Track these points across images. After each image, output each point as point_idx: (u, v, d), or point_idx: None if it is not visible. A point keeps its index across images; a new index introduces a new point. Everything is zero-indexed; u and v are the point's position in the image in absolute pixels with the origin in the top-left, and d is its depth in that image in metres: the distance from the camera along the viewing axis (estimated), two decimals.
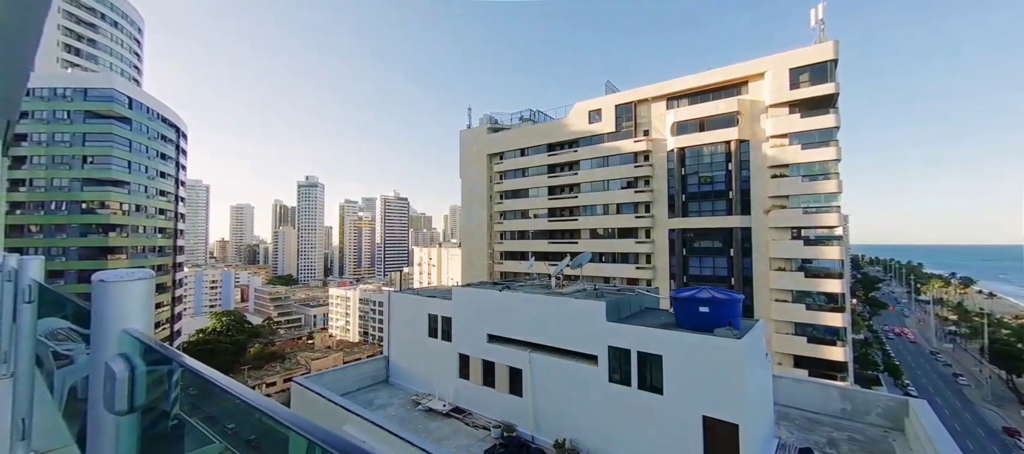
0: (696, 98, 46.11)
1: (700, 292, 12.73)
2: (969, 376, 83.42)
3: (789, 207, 40.09)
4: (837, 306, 37.72)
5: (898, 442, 14.66)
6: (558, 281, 18.60)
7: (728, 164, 43.10)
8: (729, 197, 43.08)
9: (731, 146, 42.70)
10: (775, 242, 40.49)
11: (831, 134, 38.22)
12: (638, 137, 49.49)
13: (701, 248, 45.04)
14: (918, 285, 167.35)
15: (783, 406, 17.34)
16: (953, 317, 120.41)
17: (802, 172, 39.67)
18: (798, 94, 39.16)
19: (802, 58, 39.14)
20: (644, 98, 49.34)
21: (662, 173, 47.90)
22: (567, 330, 14.41)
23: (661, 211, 47.85)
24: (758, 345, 13.61)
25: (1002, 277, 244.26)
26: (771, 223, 40.73)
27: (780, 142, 40.30)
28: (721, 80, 44.26)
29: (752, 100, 42.17)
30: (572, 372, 14.03)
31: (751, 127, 42.07)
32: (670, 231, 46.79)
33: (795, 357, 38.65)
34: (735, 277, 42.20)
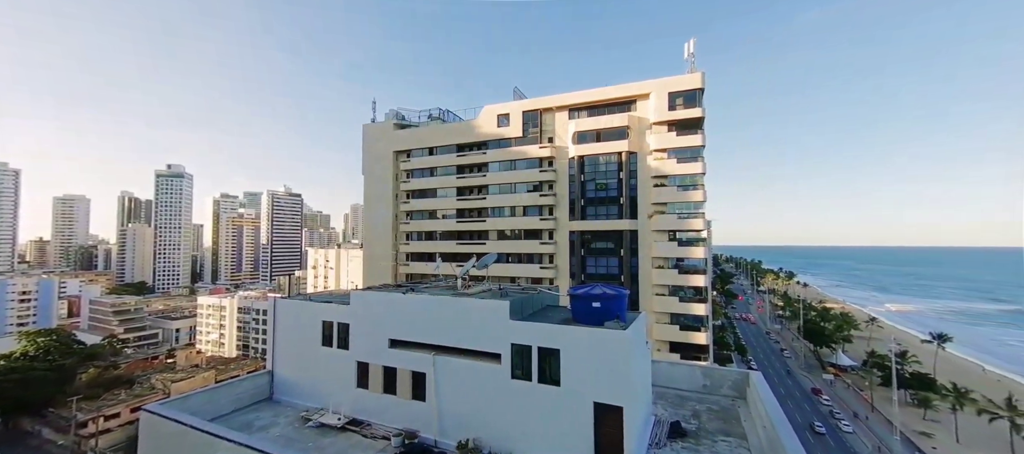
0: (594, 111, 50.26)
1: (593, 289, 13.91)
2: (791, 350, 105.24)
3: (667, 213, 45.98)
4: (701, 298, 44.38)
5: (742, 408, 17.83)
6: (464, 282, 18.61)
7: (620, 173, 47.79)
8: (620, 203, 47.78)
9: (622, 157, 47.44)
10: (656, 243, 46.09)
11: (699, 151, 44.89)
12: (543, 143, 52.09)
13: (597, 249, 49.10)
14: (758, 279, 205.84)
15: (660, 387, 19.83)
16: (781, 304, 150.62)
17: (677, 183, 45.84)
18: (674, 115, 45.20)
19: (678, 84, 45.31)
20: (549, 107, 52.14)
21: (564, 178, 51.13)
22: (472, 330, 14.50)
23: (563, 214, 51.02)
24: (640, 335, 15.34)
25: (813, 272, 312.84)
26: (653, 226, 46.27)
27: (660, 156, 46.04)
28: (615, 96, 48.92)
29: (640, 117, 47.45)
30: (476, 372, 14.16)
31: (639, 141, 47.30)
32: (571, 233, 50.15)
33: (670, 343, 44.46)
34: (624, 274, 46.95)
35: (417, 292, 16.86)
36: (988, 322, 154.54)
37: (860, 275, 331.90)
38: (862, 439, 59.62)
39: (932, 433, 61.47)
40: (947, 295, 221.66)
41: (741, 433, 15.27)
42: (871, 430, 62.63)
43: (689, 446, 14.15)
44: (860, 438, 59.89)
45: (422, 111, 63.27)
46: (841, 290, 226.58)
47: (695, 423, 16.17)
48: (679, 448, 13.99)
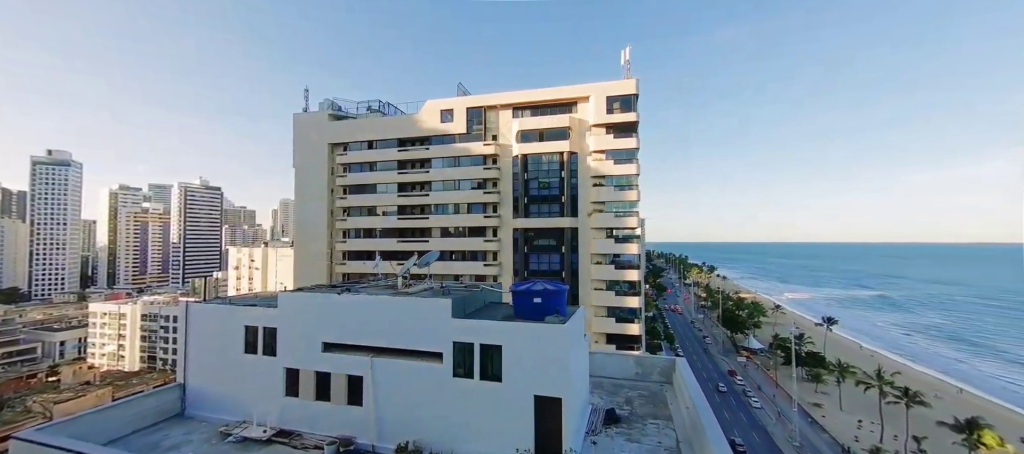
0: (537, 111, 51.29)
1: (534, 285, 14.23)
2: (711, 336, 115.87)
3: (605, 211, 48.30)
4: (635, 291, 47.28)
5: (668, 392, 19.30)
6: (405, 281, 18.08)
7: (561, 172, 49.28)
8: (562, 201, 49.29)
9: (564, 157, 48.95)
10: (595, 240, 48.25)
11: (633, 154, 47.66)
12: (488, 141, 52.12)
13: (540, 246, 50.25)
14: (685, 273, 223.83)
15: (597, 377, 20.83)
16: (703, 295, 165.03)
17: (614, 183, 48.32)
18: (612, 118, 47.56)
19: (615, 89, 47.70)
20: (493, 104, 52.26)
21: (508, 176, 51.61)
22: (412, 330, 14.14)
23: (507, 211, 51.51)
24: (579, 328, 15.98)
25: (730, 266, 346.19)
26: (592, 224, 48.37)
27: (599, 156, 48.21)
28: (557, 98, 50.30)
29: (580, 118, 49.25)
30: (417, 372, 13.85)
31: (579, 142, 49.10)
32: (515, 230, 50.80)
33: (607, 335, 46.85)
34: (566, 270, 48.57)
35: (354, 292, 16.07)
36: (862, 306, 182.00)
37: (768, 268, 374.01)
38: (768, 413, 67.37)
39: (821, 403, 71.19)
40: (831, 284, 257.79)
41: (668, 415, 16.53)
42: (775, 404, 70.99)
43: (622, 431, 15.03)
44: (766, 412, 67.62)
45: (360, 103, 60.31)
46: (752, 282, 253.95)
47: (628, 409, 17.21)
48: (613, 433, 14.81)
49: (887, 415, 61.00)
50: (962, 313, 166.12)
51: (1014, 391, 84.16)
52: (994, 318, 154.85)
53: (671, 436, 14.69)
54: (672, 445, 14.01)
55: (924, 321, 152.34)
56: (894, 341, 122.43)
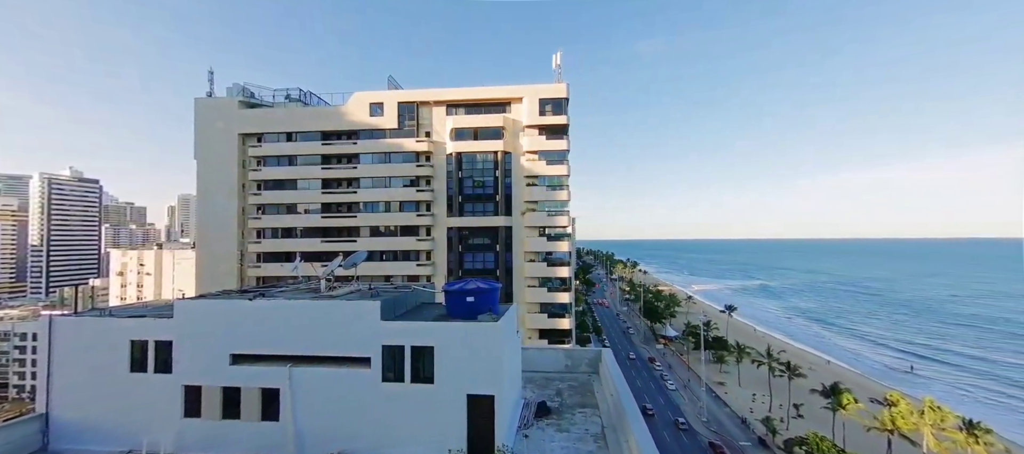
0: (471, 109, 51.08)
1: (467, 284, 14.20)
2: (634, 327, 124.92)
3: (538, 210, 49.66)
4: (566, 287, 49.28)
5: (595, 381, 20.45)
6: (329, 283, 16.96)
7: (496, 171, 49.65)
8: (496, 200, 49.69)
9: (498, 156, 49.37)
10: (528, 239, 49.39)
11: (565, 155, 49.58)
12: (420, 137, 50.74)
13: (474, 244, 50.16)
14: (611, 269, 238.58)
15: (529, 371, 21.38)
16: (627, 289, 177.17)
17: (546, 183, 49.86)
18: (544, 120, 49.00)
19: (547, 92, 49.20)
20: (426, 100, 50.99)
21: (442, 174, 50.75)
22: (338, 335, 13.31)
23: (441, 210, 50.63)
24: (512, 325, 16.26)
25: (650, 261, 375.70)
26: (526, 223, 49.44)
27: (532, 157, 49.40)
28: (492, 97, 50.54)
29: (514, 119, 50.02)
30: (342, 380, 13.07)
31: (513, 141, 49.86)
32: (449, 229, 50.13)
33: (540, 330, 48.26)
34: (500, 269, 49.08)
35: (270, 297, 14.69)
36: (752, 295, 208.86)
37: (681, 263, 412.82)
38: (681, 394, 74.44)
39: (724, 382, 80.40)
40: (729, 276, 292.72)
41: (594, 404, 17.51)
42: (686, 384, 78.67)
43: (553, 422, 15.61)
44: (680, 393, 74.67)
45: (277, 90, 55.13)
46: (669, 275, 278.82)
47: (558, 400, 17.92)
48: (544, 425, 15.32)
49: (775, 387, 70.76)
50: (826, 297, 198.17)
51: (863, 360, 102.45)
52: (849, 300, 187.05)
53: (597, 423, 15.58)
54: (598, 432, 14.87)
55: (801, 305, 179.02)
56: (779, 323, 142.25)
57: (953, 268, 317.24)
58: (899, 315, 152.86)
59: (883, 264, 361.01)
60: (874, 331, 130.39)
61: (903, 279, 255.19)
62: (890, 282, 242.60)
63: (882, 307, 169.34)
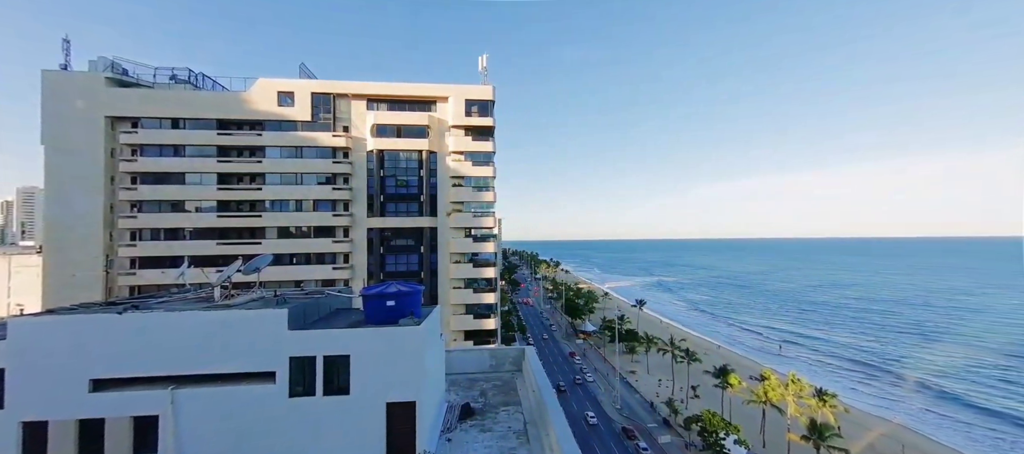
0: (395, 105, 49.10)
1: (387, 288, 13.60)
2: (556, 324, 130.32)
3: (464, 211, 49.41)
4: (492, 288, 49.73)
5: (519, 379, 20.93)
6: (225, 291, 15.02)
7: (421, 170, 48.35)
8: (421, 200, 48.39)
9: (423, 155, 48.15)
10: (454, 240, 48.89)
11: (490, 157, 50.04)
12: (338, 132, 47.44)
13: (397, 246, 48.26)
14: (535, 268, 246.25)
15: (454, 374, 21.16)
16: (551, 287, 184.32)
17: (472, 184, 49.84)
18: (470, 121, 48.95)
19: (473, 93, 49.23)
20: (345, 93, 47.83)
21: (362, 172, 48.01)
22: (235, 349, 11.85)
23: (361, 210, 47.85)
24: (435, 328, 15.95)
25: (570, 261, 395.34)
26: (452, 224, 48.89)
27: (458, 157, 49.04)
28: (417, 94, 49.10)
29: (440, 118, 49.18)
30: (240, 399, 11.66)
31: (439, 141, 48.99)
32: (370, 230, 47.58)
33: (465, 332, 48.05)
34: (425, 270, 47.86)
35: (146, 309, 12.56)
36: (660, 289, 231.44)
37: (597, 261, 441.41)
38: (599, 384, 79.48)
39: (635, 370, 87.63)
40: (640, 273, 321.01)
41: (517, 401, 17.91)
42: (603, 375, 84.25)
43: (477, 423, 15.64)
44: (598, 384, 79.67)
45: (159, 69, 47.39)
46: (588, 273, 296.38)
47: (482, 401, 17.99)
48: (468, 427, 15.28)
49: (677, 372, 78.91)
50: (717, 290, 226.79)
51: (744, 343, 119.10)
52: (734, 292, 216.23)
53: (520, 420, 15.96)
54: (520, 428, 15.23)
55: (697, 297, 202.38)
56: (680, 314, 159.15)
57: (819, 261, 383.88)
58: (770, 304, 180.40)
59: (763, 260, 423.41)
60: (751, 318, 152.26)
61: (776, 273, 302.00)
62: (764, 275, 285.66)
63: (757, 297, 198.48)
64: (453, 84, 49.34)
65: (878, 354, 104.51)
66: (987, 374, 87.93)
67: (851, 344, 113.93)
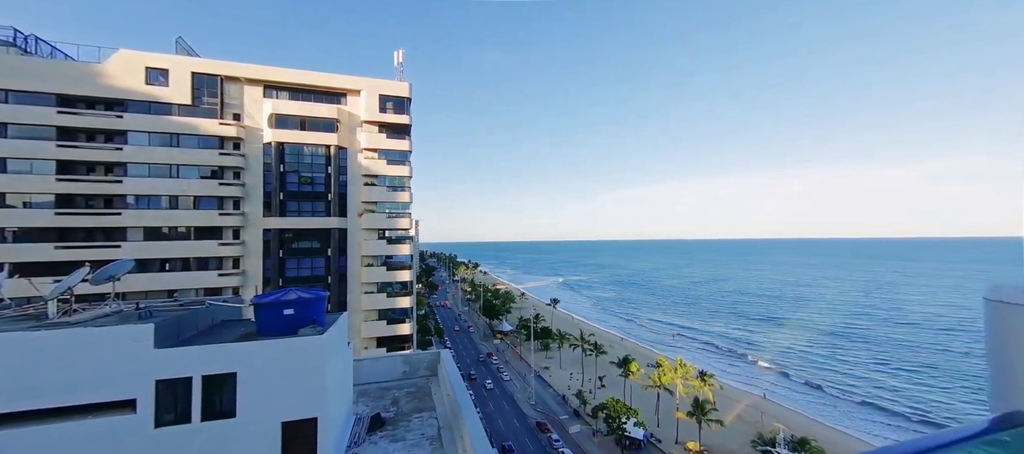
0: (298, 95, 44.82)
1: (285, 295, 12.35)
2: (475, 326, 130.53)
3: (377, 212, 46.96)
4: (407, 292, 48.02)
5: (434, 384, 20.54)
6: (65, 305, 12.23)
7: (328, 167, 44.80)
8: (329, 199, 44.82)
9: (331, 150, 44.68)
10: (366, 241, 46.18)
11: (406, 156, 48.34)
12: (226, 119, 41.76)
13: (300, 249, 44.07)
14: (453, 270, 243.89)
15: (363, 384, 19.98)
16: (469, 289, 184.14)
17: (387, 183, 47.64)
18: (385, 118, 46.77)
19: (388, 88, 47.13)
20: (236, 76, 42.31)
21: (257, 166, 42.91)
22: (79, 375, 9.71)
23: (255, 209, 42.70)
24: (342, 336, 14.90)
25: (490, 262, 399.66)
26: (363, 225, 46.12)
27: (371, 155, 46.49)
28: (325, 85, 45.40)
29: (351, 112, 46.13)
30: (86, 437, 9.60)
31: (349, 136, 45.89)
32: (266, 231, 42.71)
33: (378, 339, 45.66)
34: (332, 275, 44.40)
35: None
36: (573, 287, 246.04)
37: (515, 262, 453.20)
38: (515, 382, 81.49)
39: (549, 366, 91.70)
40: (550, 272, 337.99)
41: (431, 407, 17.56)
42: (519, 373, 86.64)
43: (387, 433, 14.96)
44: (514, 382, 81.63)
45: None
46: (504, 273, 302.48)
47: (394, 410, 17.28)
48: (378, 438, 14.55)
49: (586, 365, 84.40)
50: (622, 287, 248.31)
51: (644, 334, 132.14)
52: (636, 289, 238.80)
53: (433, 426, 15.66)
54: (434, 434, 14.95)
55: (605, 295, 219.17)
56: (590, 311, 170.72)
57: (705, 261, 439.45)
58: (664, 299, 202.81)
59: (659, 260, 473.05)
60: (648, 311, 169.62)
61: (669, 270, 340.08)
62: (660, 272, 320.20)
63: (654, 293, 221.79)
64: (366, 78, 46.69)
65: (742, 339, 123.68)
66: (815, 352, 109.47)
67: (724, 332, 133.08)
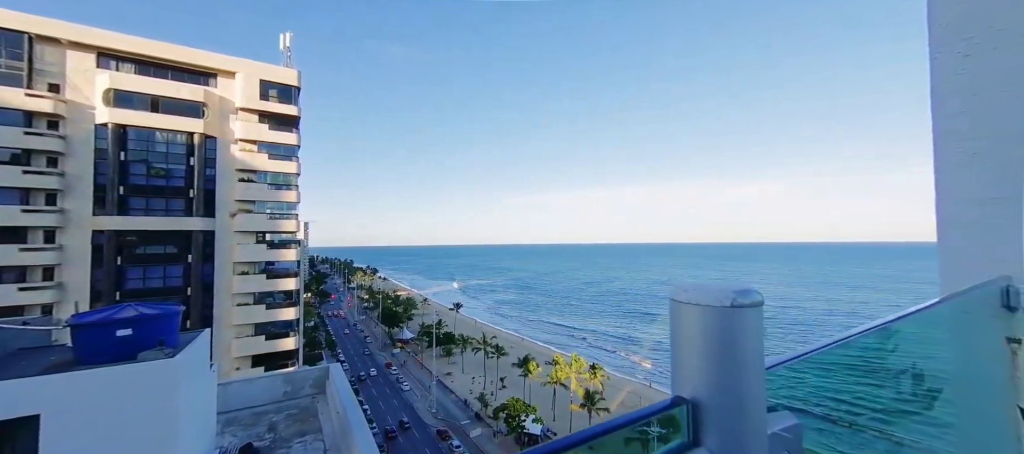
0: (147, 68, 37.25)
1: (120, 311, 10.07)
2: (372, 335, 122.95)
3: (255, 212, 41.33)
4: (292, 302, 43.13)
5: (321, 402, 18.77)
6: None
7: (190, 158, 38.08)
8: (190, 196, 38.05)
9: (195, 139, 38.08)
10: (241, 246, 40.25)
11: (294, 150, 43.59)
12: (38, 90, 32.70)
13: (149, 256, 36.58)
14: (349, 277, 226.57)
15: (232, 411, 17.31)
16: (367, 296, 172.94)
17: (269, 180, 42.29)
18: (268, 107, 41.54)
19: (273, 74, 42.02)
20: (54, 36, 33.46)
21: (86, 152, 34.44)
22: None
23: (82, 206, 34.15)
24: (201, 357, 12.73)
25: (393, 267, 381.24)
26: (237, 227, 40.15)
27: (249, 147, 40.84)
28: (187, 61, 38.54)
29: (222, 96, 39.93)
30: None
31: (220, 124, 39.65)
32: (98, 234, 34.44)
33: (254, 357, 40.05)
34: (193, 286, 37.69)
35: None
36: (476, 291, 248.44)
37: (419, 267, 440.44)
38: (415, 392, 78.77)
39: (452, 372, 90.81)
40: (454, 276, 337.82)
41: (317, 428, 16.01)
42: (420, 381, 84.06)
43: None
44: (414, 391, 78.85)
45: None
46: (406, 278, 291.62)
47: (271, 436, 15.33)
48: None
49: (488, 367, 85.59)
50: (523, 290, 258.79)
51: (542, 333, 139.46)
52: (533, 291, 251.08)
53: (319, 448, 14.30)
54: None
55: (507, 297, 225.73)
56: (492, 314, 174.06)
57: (596, 263, 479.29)
58: (560, 298, 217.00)
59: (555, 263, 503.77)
60: (546, 311, 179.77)
61: (565, 273, 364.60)
62: (557, 274, 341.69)
63: (551, 294, 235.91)
64: (244, 59, 40.95)
65: (623, 335, 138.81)
66: None
67: (610, 328, 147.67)
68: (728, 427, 0.79)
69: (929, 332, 1.96)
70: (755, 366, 0.81)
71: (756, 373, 0.82)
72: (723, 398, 0.79)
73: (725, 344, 0.79)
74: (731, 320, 0.78)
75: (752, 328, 0.81)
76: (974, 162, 2.26)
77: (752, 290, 0.83)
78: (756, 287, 0.82)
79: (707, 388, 0.80)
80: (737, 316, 0.79)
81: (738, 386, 0.79)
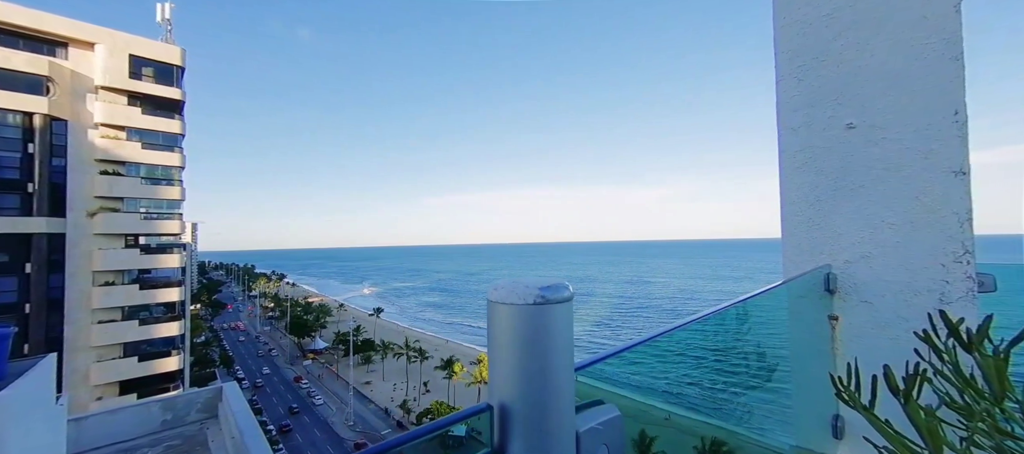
0: None
1: None
2: (278, 348, 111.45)
3: (124, 210, 34.93)
4: (175, 315, 37.27)
5: (212, 428, 16.45)
6: None
7: (29, 145, 30.88)
8: (28, 191, 30.84)
9: (36, 121, 30.96)
10: (103, 251, 33.68)
11: (177, 140, 37.71)
12: None
13: None
14: (251, 283, 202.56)
15: (90, 450, 14.41)
16: (272, 305, 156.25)
17: (143, 174, 36.03)
18: (140, 87, 35.34)
19: (147, 49, 35.86)
20: None
21: None
22: None
23: None
24: (46, 388, 10.36)
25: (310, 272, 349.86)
26: (99, 229, 33.52)
27: (115, 134, 34.39)
28: (25, 24, 31.14)
29: (75, 70, 33.03)
30: None
31: (73, 105, 32.75)
32: None
33: (122, 383, 33.81)
34: (34, 302, 30.60)
35: None
36: (399, 294, 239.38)
37: (334, 270, 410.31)
38: (330, 405, 73.19)
39: (371, 380, 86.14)
40: (375, 279, 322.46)
41: None
42: (335, 393, 78.32)
43: None
44: (328, 405, 73.22)
45: None
46: (320, 283, 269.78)
47: None
48: None
49: (411, 372, 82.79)
50: (444, 292, 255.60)
51: (465, 334, 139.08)
52: (457, 292, 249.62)
53: None
54: None
55: (429, 299, 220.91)
56: (415, 317, 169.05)
57: (530, 262, 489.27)
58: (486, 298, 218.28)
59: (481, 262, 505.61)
60: (471, 311, 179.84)
61: (491, 272, 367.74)
62: (483, 274, 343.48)
63: (477, 295, 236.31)
64: (108, 29, 34.33)
65: None
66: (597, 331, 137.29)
67: None
68: (534, 430, 0.74)
69: (772, 313, 2.34)
70: (563, 364, 0.76)
71: (564, 371, 0.76)
72: (530, 400, 0.74)
73: (531, 343, 0.74)
74: (537, 318, 0.73)
75: (560, 325, 0.76)
76: (807, 167, 2.75)
77: (560, 285, 0.77)
78: (566, 282, 0.80)
79: (515, 391, 0.75)
80: (543, 313, 0.73)
81: (545, 386, 0.74)
